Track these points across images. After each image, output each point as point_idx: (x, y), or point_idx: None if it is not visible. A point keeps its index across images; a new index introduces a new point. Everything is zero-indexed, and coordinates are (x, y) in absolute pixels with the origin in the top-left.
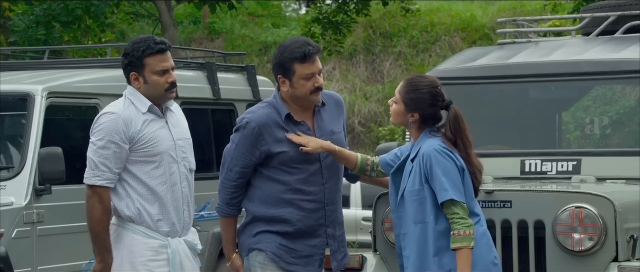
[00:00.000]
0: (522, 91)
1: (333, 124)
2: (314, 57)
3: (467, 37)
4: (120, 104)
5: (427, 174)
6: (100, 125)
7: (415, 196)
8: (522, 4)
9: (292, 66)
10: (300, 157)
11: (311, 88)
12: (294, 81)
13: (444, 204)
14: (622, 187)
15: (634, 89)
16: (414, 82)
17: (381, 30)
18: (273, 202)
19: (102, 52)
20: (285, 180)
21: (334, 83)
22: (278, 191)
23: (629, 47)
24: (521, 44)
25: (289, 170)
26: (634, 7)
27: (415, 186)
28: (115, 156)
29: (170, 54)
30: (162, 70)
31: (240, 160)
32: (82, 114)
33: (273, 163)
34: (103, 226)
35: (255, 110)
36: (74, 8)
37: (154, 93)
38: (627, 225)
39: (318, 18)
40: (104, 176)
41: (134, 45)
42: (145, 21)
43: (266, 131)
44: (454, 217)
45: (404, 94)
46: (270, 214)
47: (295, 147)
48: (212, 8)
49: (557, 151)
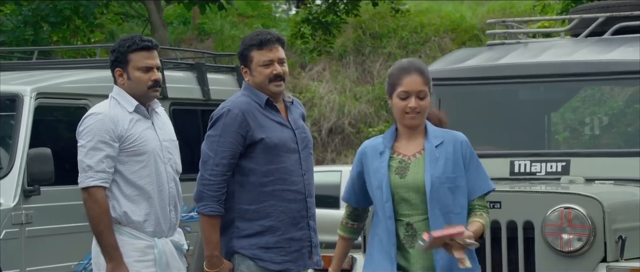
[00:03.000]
0: (512, 92)
1: (302, 123)
2: (271, 44)
3: (457, 38)
4: (106, 104)
5: (465, 161)
6: (88, 127)
7: (451, 183)
8: (512, 5)
9: (250, 54)
10: (283, 145)
11: (269, 75)
12: (252, 69)
13: (485, 194)
14: (610, 188)
15: (623, 90)
16: (423, 64)
17: (371, 31)
18: (254, 197)
19: (91, 52)
20: (268, 169)
21: (324, 84)
22: (260, 183)
23: (617, 49)
24: (510, 45)
25: (272, 158)
26: (622, 9)
27: (449, 173)
28: (107, 155)
29: (157, 54)
30: (146, 67)
31: (229, 150)
32: (71, 115)
33: (255, 152)
34: (104, 224)
35: (233, 99)
36: (63, 8)
37: (136, 90)
38: (616, 225)
39: (308, 18)
40: (97, 177)
41: (120, 41)
42: (134, 22)
43: (249, 116)
44: (486, 207)
45: (429, 81)
46: (253, 210)
47: (279, 134)
48: (201, 9)
49: (546, 152)
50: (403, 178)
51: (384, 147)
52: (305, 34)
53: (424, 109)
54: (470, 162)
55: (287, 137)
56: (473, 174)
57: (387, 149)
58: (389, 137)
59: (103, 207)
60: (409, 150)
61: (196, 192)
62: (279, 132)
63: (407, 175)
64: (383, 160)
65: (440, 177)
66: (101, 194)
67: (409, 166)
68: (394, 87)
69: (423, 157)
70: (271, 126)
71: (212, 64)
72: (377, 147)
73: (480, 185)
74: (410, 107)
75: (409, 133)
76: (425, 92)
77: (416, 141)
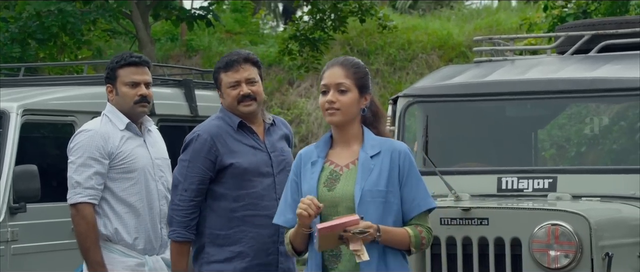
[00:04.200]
0: (499, 109)
1: (283, 145)
2: (237, 65)
3: (444, 55)
4: (97, 121)
5: (402, 175)
6: (78, 144)
7: (381, 198)
8: (498, 22)
9: (219, 76)
10: (254, 170)
11: (237, 96)
12: (222, 91)
13: (424, 212)
14: (597, 204)
15: (609, 107)
16: (355, 59)
17: (358, 48)
18: (225, 222)
19: (78, 69)
20: (239, 195)
21: (312, 100)
22: (231, 209)
23: (603, 66)
24: (497, 62)
25: (242, 183)
26: (607, 27)
27: (381, 187)
28: (96, 172)
29: (148, 71)
30: (132, 83)
31: (197, 176)
32: (57, 132)
33: (225, 177)
34: (91, 241)
35: (206, 122)
36: (50, 25)
37: (124, 105)
38: (603, 242)
39: (295, 35)
40: (85, 193)
41: (112, 59)
42: (122, 38)
43: (219, 141)
44: (427, 225)
45: (353, 76)
46: (223, 235)
47: (249, 159)
48: (189, 25)
49: (533, 169)
50: (331, 191)
51: (316, 157)
52: (293, 51)
53: (345, 104)
54: (409, 177)
55: (260, 161)
56: (411, 190)
57: (320, 158)
58: (322, 145)
59: (90, 223)
60: (342, 159)
61: (167, 216)
62: (251, 156)
63: (336, 187)
64: (314, 171)
65: (371, 191)
66: (89, 211)
67: (339, 177)
68: (320, 85)
69: (356, 168)
70: (242, 150)
71: (200, 81)
72: (311, 156)
73: (419, 202)
74: (326, 101)
75: (343, 139)
76: (346, 85)
77: (351, 149)
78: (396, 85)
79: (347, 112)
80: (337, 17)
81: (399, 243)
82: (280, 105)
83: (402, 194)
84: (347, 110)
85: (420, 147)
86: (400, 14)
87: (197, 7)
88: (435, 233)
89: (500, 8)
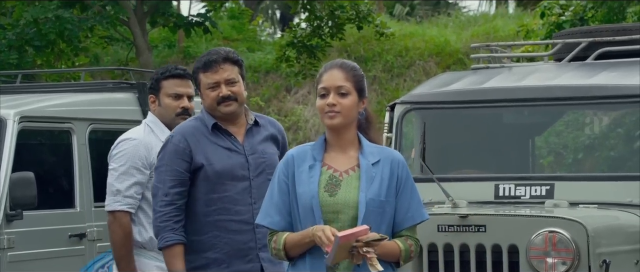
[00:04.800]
0: (496, 116)
1: (266, 146)
2: (217, 65)
3: (441, 62)
4: (141, 130)
5: (400, 185)
6: (122, 152)
7: (380, 207)
8: (496, 29)
9: (198, 77)
10: (227, 173)
11: (216, 98)
12: (202, 92)
13: (415, 225)
14: (594, 211)
15: (606, 114)
16: (352, 63)
17: (356, 55)
18: (198, 227)
19: (75, 76)
20: (210, 198)
21: (309, 107)
22: (202, 213)
23: (600, 73)
24: (494, 69)
25: (214, 187)
26: (604, 34)
27: (382, 197)
28: (136, 182)
29: (191, 84)
30: (176, 95)
31: (175, 178)
32: (54, 139)
33: (198, 180)
34: (126, 250)
35: (183, 124)
36: (47, 32)
37: (165, 116)
38: (600, 250)
39: (293, 42)
40: (124, 202)
41: (157, 70)
42: (119, 45)
43: (192, 142)
44: (415, 237)
45: (353, 78)
46: (197, 241)
47: (223, 162)
48: (187, 32)
49: (530, 176)
50: (333, 196)
51: (313, 160)
52: (290, 58)
53: (346, 107)
54: (405, 187)
55: (235, 164)
56: (406, 201)
57: (318, 162)
58: (318, 148)
59: (126, 231)
60: (340, 164)
61: (153, 228)
62: (225, 158)
63: (338, 193)
64: (313, 174)
65: (374, 200)
66: (126, 219)
67: (340, 183)
68: (317, 88)
69: (357, 175)
70: (215, 152)
71: None
72: (305, 158)
73: (413, 214)
74: (327, 104)
75: (339, 144)
76: (346, 88)
77: (348, 154)
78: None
79: (348, 115)
80: (335, 24)
81: (389, 256)
82: (277, 112)
83: (397, 204)
84: (348, 114)
85: (418, 154)
86: (398, 21)
87: (194, 14)
88: (432, 240)
89: (498, 15)
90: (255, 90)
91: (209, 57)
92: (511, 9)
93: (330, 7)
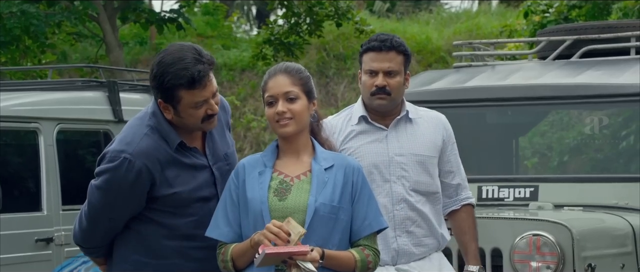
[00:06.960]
0: (479, 116)
1: (224, 144)
2: (204, 80)
3: (423, 60)
4: None
5: (355, 192)
6: None
7: (332, 213)
8: (478, 26)
9: (177, 93)
10: (194, 196)
11: (203, 116)
12: (180, 110)
13: (373, 233)
14: (579, 214)
15: (591, 114)
16: (297, 65)
17: (335, 53)
18: (155, 251)
19: (42, 74)
20: (171, 224)
21: None
22: (161, 235)
23: (585, 72)
24: (478, 68)
25: (177, 212)
26: (589, 31)
27: (335, 202)
28: None
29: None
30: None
31: (123, 210)
32: (20, 139)
33: (158, 205)
34: None
35: (135, 140)
36: (12, 28)
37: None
38: (585, 253)
39: (270, 39)
40: None
41: None
42: (88, 42)
43: (155, 170)
44: (374, 247)
45: (299, 82)
46: (152, 266)
47: (190, 185)
48: (159, 29)
49: (514, 177)
50: (282, 201)
51: (263, 167)
52: (267, 55)
53: (297, 113)
54: (361, 194)
55: (202, 183)
56: (363, 208)
57: (268, 168)
58: (269, 154)
59: None
60: (291, 170)
61: (73, 235)
62: (191, 180)
63: (288, 198)
64: (263, 180)
65: (325, 204)
66: None
67: (290, 187)
68: (264, 96)
69: (309, 180)
70: (181, 176)
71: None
72: (256, 166)
73: (371, 222)
74: (276, 112)
75: (291, 150)
76: (294, 93)
77: (300, 160)
78: None
79: (300, 120)
80: (313, 21)
81: (344, 267)
82: (253, 111)
83: (353, 212)
84: (300, 119)
85: None
86: (378, 18)
87: (167, 10)
88: None
89: (480, 12)
90: (230, 89)
91: (192, 72)
92: (494, 6)
93: (308, 4)
